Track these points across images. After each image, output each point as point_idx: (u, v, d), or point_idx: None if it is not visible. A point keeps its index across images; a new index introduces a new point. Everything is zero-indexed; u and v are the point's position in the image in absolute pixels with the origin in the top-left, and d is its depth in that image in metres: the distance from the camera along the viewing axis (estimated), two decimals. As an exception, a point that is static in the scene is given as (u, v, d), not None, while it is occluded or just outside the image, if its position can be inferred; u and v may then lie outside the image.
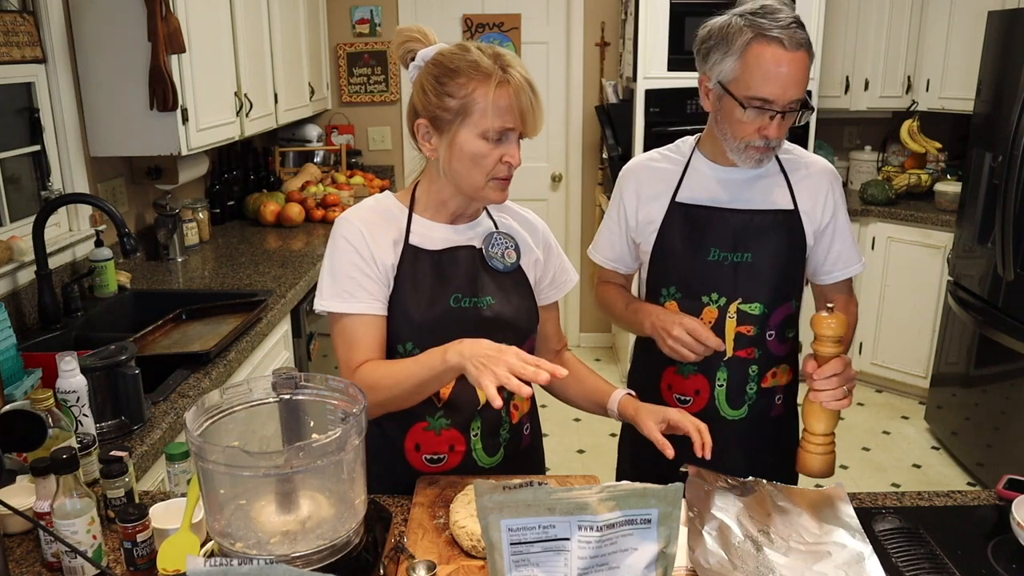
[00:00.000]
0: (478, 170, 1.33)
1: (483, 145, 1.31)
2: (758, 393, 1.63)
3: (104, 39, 2.46)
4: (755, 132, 1.47)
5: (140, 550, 1.13)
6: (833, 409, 1.38)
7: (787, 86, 1.42)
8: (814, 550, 1.19)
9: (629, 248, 1.71)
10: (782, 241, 1.58)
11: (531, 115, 1.30)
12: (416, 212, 1.42)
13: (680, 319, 1.54)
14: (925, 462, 3.55)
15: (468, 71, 1.29)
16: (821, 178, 1.62)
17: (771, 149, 1.51)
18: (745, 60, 1.44)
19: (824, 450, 1.40)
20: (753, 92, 1.44)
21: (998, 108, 3.19)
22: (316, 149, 4.31)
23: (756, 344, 1.60)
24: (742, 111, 1.46)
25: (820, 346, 1.38)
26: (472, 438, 1.43)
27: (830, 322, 1.35)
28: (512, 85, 1.29)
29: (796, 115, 1.47)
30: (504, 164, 1.33)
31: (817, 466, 1.40)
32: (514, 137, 1.33)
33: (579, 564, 0.99)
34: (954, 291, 3.54)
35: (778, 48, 1.42)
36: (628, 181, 1.68)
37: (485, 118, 1.29)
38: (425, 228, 1.41)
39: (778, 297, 1.60)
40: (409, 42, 1.38)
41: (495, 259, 1.42)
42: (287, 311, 2.60)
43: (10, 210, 2.32)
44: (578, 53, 4.49)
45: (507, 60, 1.31)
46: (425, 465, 1.43)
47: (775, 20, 1.42)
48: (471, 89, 1.29)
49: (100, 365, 1.56)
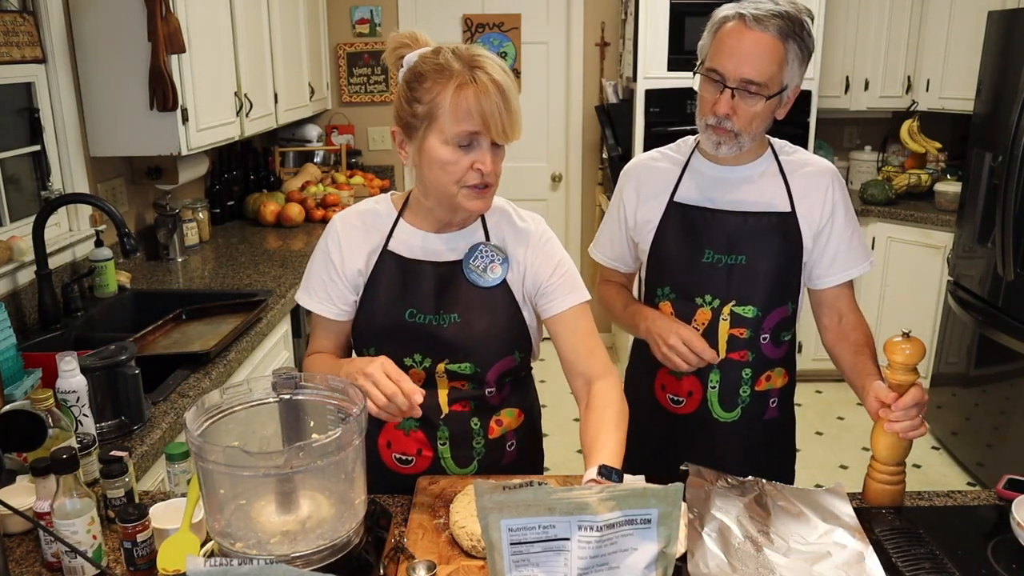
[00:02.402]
0: (447, 177, 1.28)
1: (449, 152, 1.26)
2: (751, 396, 1.62)
3: (104, 39, 2.46)
4: (710, 108, 1.48)
5: (140, 550, 1.13)
6: (910, 439, 1.32)
7: (740, 62, 1.43)
8: (814, 550, 1.19)
9: (629, 247, 1.71)
10: (777, 244, 1.56)
11: (496, 119, 1.24)
12: (405, 217, 1.42)
13: (677, 328, 1.53)
14: (925, 462, 3.55)
15: (433, 75, 1.26)
16: (820, 178, 1.59)
17: (728, 132, 1.49)
18: (715, 36, 1.49)
19: (897, 479, 1.33)
20: (710, 63, 1.48)
21: (998, 108, 3.19)
22: (316, 149, 4.31)
23: (749, 347, 1.59)
24: (702, 85, 1.49)
25: (894, 373, 1.30)
26: (440, 446, 1.42)
27: (904, 348, 1.28)
28: (475, 87, 1.23)
29: (758, 102, 1.46)
30: (475, 171, 1.27)
31: (889, 497, 1.33)
32: (485, 143, 1.26)
33: (579, 564, 0.99)
34: (954, 291, 3.54)
35: (739, 23, 1.44)
36: (628, 180, 1.68)
37: (447, 122, 1.25)
38: (408, 235, 1.40)
39: (773, 300, 1.58)
40: (399, 48, 1.35)
41: (474, 272, 1.38)
42: (287, 311, 2.60)
43: (10, 210, 2.31)
44: (578, 53, 4.49)
45: (479, 62, 1.26)
46: (395, 464, 1.44)
47: (756, 5, 1.45)
48: (435, 94, 1.25)
49: (100, 365, 1.56)
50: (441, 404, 1.41)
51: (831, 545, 1.20)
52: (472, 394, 1.41)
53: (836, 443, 3.72)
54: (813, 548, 1.19)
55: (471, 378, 1.40)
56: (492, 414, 1.44)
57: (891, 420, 1.29)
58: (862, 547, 1.20)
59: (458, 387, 1.41)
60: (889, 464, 1.33)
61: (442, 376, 1.40)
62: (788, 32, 1.44)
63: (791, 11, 1.45)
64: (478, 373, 1.39)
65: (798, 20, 1.45)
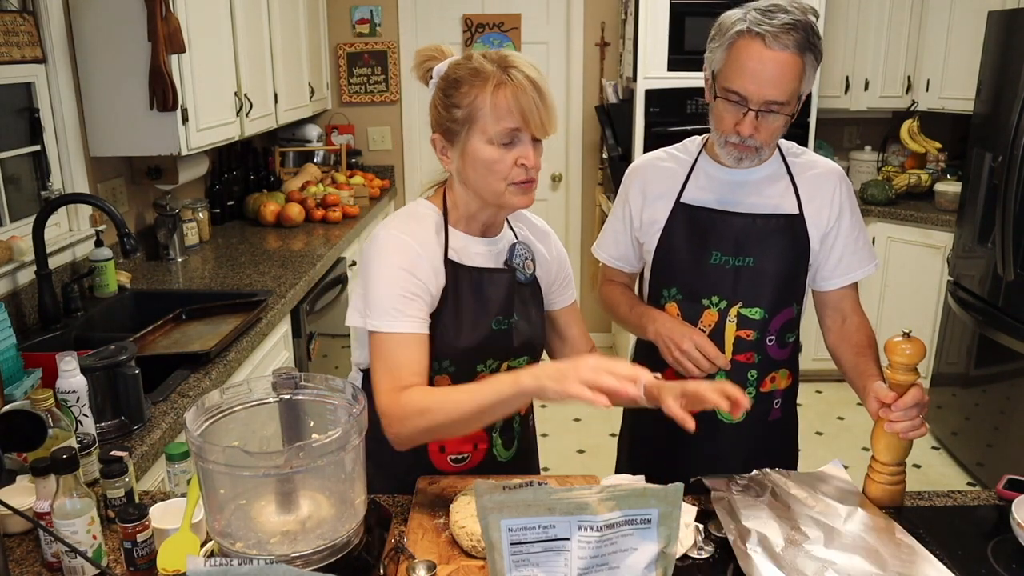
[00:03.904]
0: (494, 177, 1.31)
1: (493, 151, 1.29)
2: (756, 398, 1.61)
3: (104, 39, 2.46)
4: (731, 127, 1.47)
5: (140, 550, 1.13)
6: (910, 439, 1.32)
7: (763, 84, 1.41)
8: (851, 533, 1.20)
9: (633, 247, 1.71)
10: (785, 246, 1.56)
11: (535, 114, 1.27)
12: (450, 224, 1.41)
13: (691, 333, 1.53)
14: (925, 462, 3.56)
15: (469, 79, 1.29)
16: (827, 180, 1.58)
17: (751, 148, 1.49)
18: (730, 52, 1.44)
19: (897, 480, 1.34)
20: (729, 84, 1.44)
21: (998, 108, 3.19)
22: (316, 149, 4.31)
23: (756, 349, 1.59)
24: (720, 104, 1.47)
25: (894, 373, 1.30)
26: (493, 434, 1.46)
27: (905, 348, 1.28)
28: (511, 86, 1.27)
29: (780, 119, 1.45)
30: (520, 167, 1.31)
31: (889, 497, 1.33)
32: (526, 138, 1.30)
33: (579, 564, 0.99)
34: (954, 291, 3.54)
35: (759, 44, 1.40)
36: (634, 180, 1.67)
37: (489, 122, 1.28)
38: (462, 243, 1.40)
39: (779, 302, 1.58)
40: (427, 61, 1.38)
41: (519, 271, 1.43)
42: (287, 311, 2.60)
43: (10, 210, 2.31)
44: (578, 53, 4.49)
45: (511, 62, 1.30)
46: (449, 466, 1.44)
47: (769, 18, 1.40)
48: (473, 96, 1.29)
49: (100, 365, 1.56)
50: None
51: (860, 527, 1.21)
52: None
53: (836, 443, 3.72)
54: (845, 533, 1.20)
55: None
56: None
57: (891, 420, 1.29)
58: (886, 523, 1.22)
59: None
60: (889, 464, 1.33)
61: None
62: (805, 45, 1.41)
63: (803, 19, 1.41)
64: (526, 365, 1.45)
65: (811, 27, 1.42)
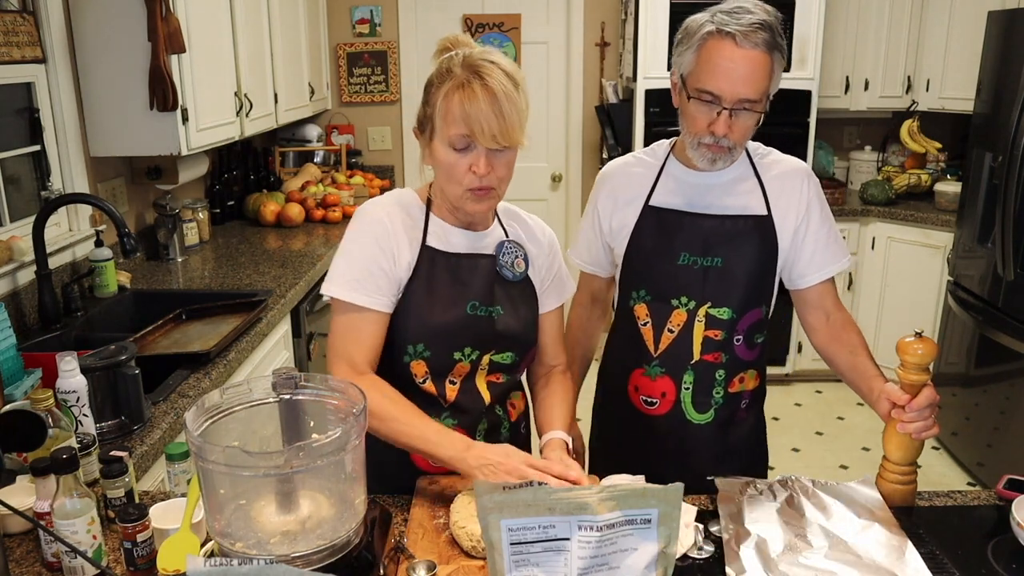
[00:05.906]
0: (451, 180, 1.31)
1: (450, 154, 1.28)
2: (725, 398, 1.61)
3: (104, 39, 2.46)
4: (705, 128, 1.47)
5: (140, 550, 1.13)
6: (923, 439, 1.32)
7: (735, 83, 1.42)
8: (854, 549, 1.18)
9: (605, 252, 1.70)
10: (754, 246, 1.56)
11: (482, 124, 1.24)
12: (433, 212, 1.41)
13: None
14: (925, 462, 3.56)
15: (438, 79, 1.29)
16: (794, 178, 1.59)
17: (724, 149, 1.49)
18: (699, 53, 1.45)
19: (909, 479, 1.33)
20: (702, 85, 1.45)
21: (998, 108, 3.19)
22: (316, 149, 4.31)
23: (723, 349, 1.58)
24: (693, 105, 1.47)
25: (907, 373, 1.29)
26: (477, 438, 1.44)
27: (918, 348, 1.27)
28: (464, 92, 1.24)
29: (752, 117, 1.46)
30: (471, 174, 1.28)
31: (901, 496, 1.33)
32: (480, 146, 1.27)
33: (579, 564, 0.99)
34: (954, 291, 3.54)
35: (730, 43, 1.41)
36: (603, 186, 1.67)
37: (442, 125, 1.27)
38: (443, 230, 1.40)
39: (748, 302, 1.58)
40: (440, 52, 1.36)
41: (505, 268, 1.42)
42: (287, 311, 2.60)
43: (10, 210, 2.31)
44: (578, 53, 4.49)
45: (481, 68, 1.26)
46: (430, 466, 1.43)
47: (737, 18, 1.42)
48: (439, 97, 1.28)
49: (100, 365, 1.56)
50: (483, 395, 1.44)
51: (870, 543, 1.19)
52: (506, 384, 1.48)
53: (836, 443, 3.72)
54: (852, 546, 1.19)
55: (508, 368, 1.46)
56: (508, 397, 1.51)
57: (905, 421, 1.29)
58: (900, 542, 1.19)
59: (494, 380, 1.45)
60: (901, 464, 1.33)
61: (484, 368, 1.43)
62: (773, 44, 1.43)
63: (769, 19, 1.43)
64: (515, 363, 1.46)
65: (776, 27, 1.44)
